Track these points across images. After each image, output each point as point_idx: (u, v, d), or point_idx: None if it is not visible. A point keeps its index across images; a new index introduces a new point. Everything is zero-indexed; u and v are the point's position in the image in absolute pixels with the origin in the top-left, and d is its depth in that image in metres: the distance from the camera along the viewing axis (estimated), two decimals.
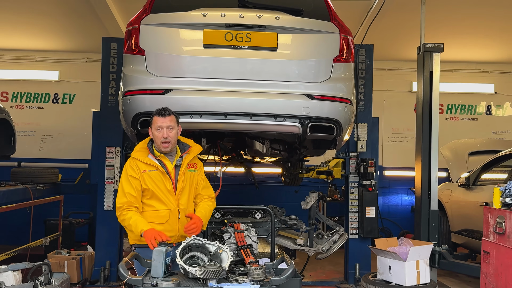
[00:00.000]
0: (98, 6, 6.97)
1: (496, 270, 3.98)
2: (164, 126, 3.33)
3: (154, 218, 3.36)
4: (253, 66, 3.90)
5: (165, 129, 3.33)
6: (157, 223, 3.33)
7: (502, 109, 10.18)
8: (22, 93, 9.60)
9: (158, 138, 3.35)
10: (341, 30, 4.05)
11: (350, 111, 4.07)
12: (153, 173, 3.37)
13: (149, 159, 3.40)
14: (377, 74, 7.21)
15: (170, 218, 3.38)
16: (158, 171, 3.38)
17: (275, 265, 3.19)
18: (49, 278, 4.35)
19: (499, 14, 7.35)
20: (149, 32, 3.92)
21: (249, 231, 4.48)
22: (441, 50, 5.79)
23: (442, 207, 7.08)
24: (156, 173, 3.38)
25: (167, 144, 3.36)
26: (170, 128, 3.34)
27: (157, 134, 3.35)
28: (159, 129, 3.34)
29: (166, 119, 3.34)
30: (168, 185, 3.38)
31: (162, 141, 3.34)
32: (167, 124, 3.33)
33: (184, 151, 3.49)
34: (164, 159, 3.41)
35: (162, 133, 3.33)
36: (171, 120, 3.36)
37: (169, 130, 3.34)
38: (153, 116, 3.39)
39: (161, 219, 3.37)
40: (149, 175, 3.37)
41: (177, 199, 3.41)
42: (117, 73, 6.06)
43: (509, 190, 3.96)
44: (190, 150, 3.51)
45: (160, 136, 3.33)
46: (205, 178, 3.64)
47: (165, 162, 3.41)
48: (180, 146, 3.52)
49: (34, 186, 6.44)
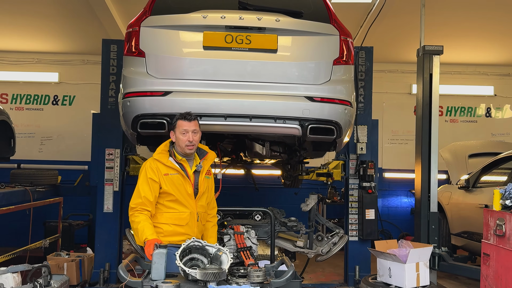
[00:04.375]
0: (98, 8, 6.97)
1: (496, 272, 3.97)
2: (189, 130, 3.43)
3: (175, 220, 3.45)
4: (253, 68, 3.90)
5: (190, 133, 3.43)
6: (177, 225, 3.45)
7: (501, 111, 10.19)
8: (22, 95, 9.60)
9: (183, 142, 3.43)
10: (341, 32, 4.06)
11: (350, 113, 4.07)
12: (174, 176, 3.45)
13: (170, 162, 3.48)
14: (377, 76, 7.22)
15: (190, 221, 3.47)
16: (179, 174, 3.46)
17: (275, 267, 3.19)
18: (49, 280, 4.35)
19: (499, 16, 7.37)
20: (149, 34, 3.92)
21: (249, 233, 4.48)
22: (440, 52, 5.79)
23: (442, 209, 7.08)
24: (177, 176, 3.46)
25: (192, 147, 3.45)
26: (194, 132, 3.45)
27: (182, 138, 3.43)
28: (185, 133, 3.43)
29: (192, 123, 3.45)
30: (188, 189, 3.47)
31: (187, 145, 3.43)
32: (193, 128, 3.44)
33: (202, 157, 3.60)
34: (184, 163, 3.50)
35: (188, 137, 3.42)
36: (196, 124, 3.48)
37: (193, 134, 3.44)
38: (178, 120, 3.48)
39: (181, 221, 3.45)
40: (171, 178, 3.44)
41: (197, 202, 3.51)
42: (117, 75, 6.06)
43: (509, 192, 3.95)
44: (207, 157, 3.63)
45: (185, 140, 3.42)
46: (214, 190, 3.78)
47: (185, 166, 3.50)
48: (198, 151, 3.61)
49: (33, 188, 6.43)
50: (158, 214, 3.48)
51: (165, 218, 3.45)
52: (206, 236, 3.66)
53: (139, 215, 3.36)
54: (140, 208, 3.38)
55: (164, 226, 3.45)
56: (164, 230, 3.45)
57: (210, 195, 3.69)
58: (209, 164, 3.62)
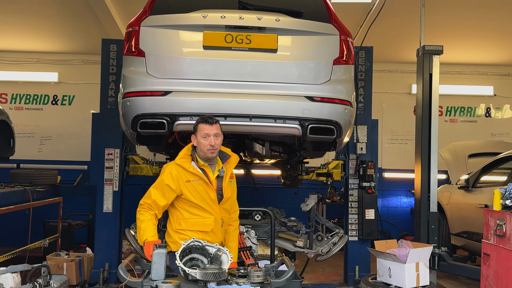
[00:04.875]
0: (97, 8, 6.97)
1: (497, 272, 3.97)
2: (211, 134, 3.36)
3: (200, 226, 3.41)
4: (253, 68, 3.89)
5: (212, 137, 3.35)
6: (202, 231, 3.40)
7: (501, 111, 10.20)
8: (21, 95, 9.60)
9: (205, 146, 3.36)
10: (341, 32, 4.05)
11: (350, 113, 4.07)
12: (196, 183, 3.40)
13: (193, 168, 3.41)
14: (377, 76, 7.21)
15: (214, 227, 3.43)
16: (202, 180, 3.40)
17: (275, 267, 3.19)
18: (48, 280, 4.35)
19: (499, 16, 7.37)
20: (149, 33, 3.91)
21: (249, 233, 4.48)
22: (440, 52, 5.79)
23: (441, 209, 7.08)
24: (200, 183, 3.40)
25: (214, 150, 3.38)
26: (216, 135, 3.38)
27: (203, 142, 3.36)
28: (206, 137, 3.36)
29: (213, 126, 3.37)
30: (212, 195, 3.41)
31: (209, 149, 3.36)
32: (214, 132, 3.37)
33: (224, 161, 3.53)
34: (207, 169, 3.43)
35: (209, 141, 3.35)
36: (217, 128, 3.40)
37: (215, 138, 3.37)
38: (199, 123, 3.41)
39: (206, 227, 3.41)
40: (193, 185, 3.39)
41: (220, 208, 3.48)
42: (116, 74, 6.06)
43: (509, 192, 3.95)
44: (230, 160, 3.55)
45: (207, 144, 3.35)
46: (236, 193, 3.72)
47: (207, 171, 3.43)
48: (220, 155, 3.54)
49: (33, 187, 6.43)
50: (182, 220, 3.43)
51: (189, 224, 3.41)
52: (227, 240, 3.62)
53: (144, 213, 3.38)
54: (147, 207, 3.40)
55: (189, 232, 3.40)
56: (190, 237, 3.36)
57: (233, 198, 3.64)
58: (232, 168, 3.56)
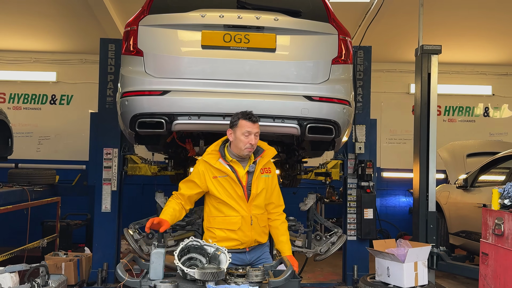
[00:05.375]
0: (96, 7, 6.96)
1: (495, 272, 3.98)
2: (253, 132, 3.27)
3: (226, 224, 3.34)
4: (251, 67, 3.89)
5: (253, 136, 3.26)
6: (229, 229, 3.33)
7: (499, 111, 10.21)
8: (20, 94, 9.59)
9: (244, 144, 3.26)
10: (340, 32, 4.05)
11: (348, 113, 4.07)
12: (223, 179, 3.31)
13: (219, 164, 3.33)
14: (375, 75, 7.22)
15: (242, 225, 3.32)
16: (228, 177, 3.31)
17: (274, 266, 3.18)
18: (46, 279, 4.34)
19: (497, 16, 7.38)
20: (148, 33, 3.91)
21: None
22: (439, 52, 5.79)
23: (440, 209, 7.09)
24: (227, 179, 3.31)
25: (251, 150, 3.30)
26: (257, 134, 3.30)
27: (243, 139, 3.26)
28: (247, 135, 3.26)
29: (255, 125, 3.29)
30: (239, 192, 3.31)
31: (247, 147, 3.27)
32: (256, 130, 3.28)
33: (258, 155, 3.40)
34: (235, 164, 3.34)
35: (250, 139, 3.26)
36: (258, 126, 3.33)
37: (256, 137, 3.28)
38: (240, 119, 3.30)
39: (232, 225, 3.33)
40: (220, 181, 3.31)
41: (250, 205, 3.35)
42: (115, 74, 6.05)
43: (507, 191, 3.96)
44: (264, 154, 3.42)
45: (247, 142, 3.26)
46: (278, 187, 3.52)
47: (236, 167, 3.33)
48: (256, 149, 3.44)
49: (31, 187, 6.42)
50: (211, 218, 3.39)
51: (216, 222, 3.36)
52: (276, 235, 3.51)
53: (171, 200, 3.37)
54: (175, 196, 3.39)
55: (216, 231, 3.36)
56: (217, 235, 3.35)
57: (272, 194, 3.47)
58: (265, 162, 3.40)
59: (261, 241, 3.47)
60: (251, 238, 3.38)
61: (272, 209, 3.52)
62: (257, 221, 3.39)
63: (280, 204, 3.56)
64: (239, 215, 3.33)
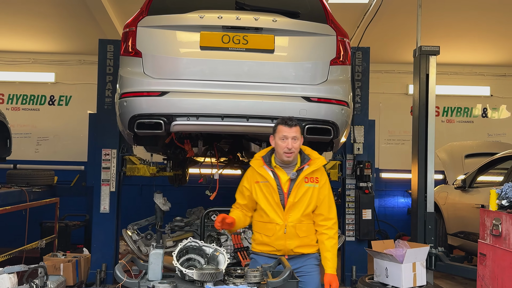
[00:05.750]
0: (94, 8, 6.96)
1: (493, 272, 3.99)
2: (289, 137, 3.23)
3: (263, 229, 3.35)
4: (250, 68, 3.90)
5: (290, 140, 3.23)
6: (265, 234, 3.34)
7: (498, 111, 10.23)
8: (18, 95, 9.58)
9: (282, 148, 3.24)
10: (338, 33, 4.06)
11: (346, 114, 4.08)
12: (264, 184, 3.31)
13: (262, 169, 3.33)
14: (374, 76, 7.23)
15: (276, 233, 3.29)
16: (268, 183, 3.29)
17: (272, 267, 3.19)
18: (45, 280, 4.34)
19: (495, 17, 7.39)
20: (146, 34, 3.91)
21: (246, 234, 4.48)
22: (437, 52, 5.81)
23: (438, 209, 7.10)
24: (266, 184, 3.30)
25: (291, 154, 3.25)
26: (294, 138, 3.24)
27: (281, 144, 3.24)
28: (284, 139, 3.23)
29: (292, 129, 3.24)
30: (276, 198, 3.28)
31: (285, 152, 3.24)
32: (293, 134, 3.24)
33: (304, 163, 3.35)
34: (278, 171, 3.31)
35: (287, 144, 3.23)
36: (297, 130, 3.26)
37: (293, 141, 3.23)
38: (278, 124, 3.29)
39: (268, 231, 3.32)
40: (261, 186, 3.32)
41: (287, 213, 3.29)
42: (113, 75, 6.05)
43: (505, 192, 3.97)
44: (310, 163, 3.34)
45: (284, 146, 3.23)
46: (329, 195, 3.39)
47: (279, 174, 3.31)
48: (301, 157, 3.37)
49: (30, 188, 6.42)
50: (254, 221, 3.43)
51: (257, 226, 3.40)
52: (322, 249, 3.35)
53: (233, 211, 3.42)
54: (234, 206, 3.46)
55: (256, 234, 3.40)
56: (256, 238, 3.40)
57: (320, 206, 3.33)
58: (310, 171, 3.31)
59: (301, 252, 3.33)
60: (286, 247, 3.30)
61: (320, 221, 3.36)
62: (294, 230, 3.29)
63: (331, 218, 3.37)
64: (274, 222, 3.29)
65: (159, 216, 4.66)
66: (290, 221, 3.27)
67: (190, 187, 7.75)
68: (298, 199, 3.27)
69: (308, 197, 3.29)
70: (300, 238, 3.29)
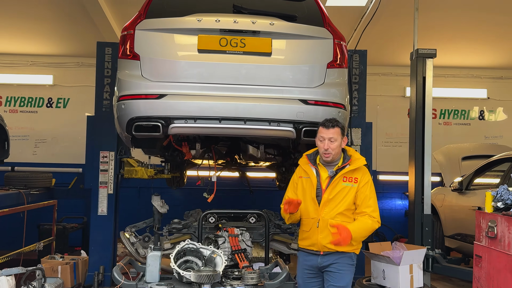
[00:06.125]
0: (92, 11, 6.98)
1: (488, 274, 4.00)
2: (326, 138, 3.43)
3: (302, 224, 3.56)
4: (247, 71, 3.92)
5: (326, 141, 3.43)
6: (304, 230, 3.54)
7: (494, 114, 10.27)
8: (16, 97, 9.58)
9: (320, 149, 3.47)
10: (335, 36, 4.09)
11: (343, 116, 4.10)
12: (305, 180, 3.54)
13: (306, 166, 3.57)
14: (371, 79, 7.27)
15: (312, 227, 3.46)
16: (309, 179, 3.51)
17: (269, 269, 3.21)
18: (43, 283, 4.35)
19: (492, 20, 7.43)
20: (144, 37, 3.93)
21: (244, 236, 4.48)
22: (434, 55, 5.84)
23: (435, 212, 7.11)
24: (307, 180, 3.53)
25: (328, 155, 3.44)
26: (331, 140, 3.43)
27: (319, 144, 3.47)
28: (322, 140, 3.45)
29: (330, 130, 3.44)
30: (312, 194, 3.48)
31: (323, 152, 3.45)
32: (330, 136, 3.43)
33: (345, 163, 3.51)
34: (321, 168, 3.51)
35: (324, 144, 3.43)
36: (335, 132, 3.44)
37: (330, 142, 3.43)
38: (319, 126, 3.51)
39: (305, 226, 3.52)
40: (302, 181, 3.56)
41: (321, 209, 3.45)
42: (111, 77, 6.06)
43: (500, 194, 3.99)
44: (350, 162, 3.51)
45: (322, 147, 3.44)
46: (371, 196, 3.51)
47: (321, 171, 3.51)
48: (344, 157, 3.56)
49: (27, 190, 6.42)
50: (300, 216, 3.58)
51: (301, 221, 3.59)
52: None
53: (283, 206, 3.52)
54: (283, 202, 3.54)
55: (299, 229, 3.64)
56: (298, 234, 3.65)
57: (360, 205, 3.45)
58: (348, 170, 3.47)
59: (334, 249, 3.40)
60: (319, 242, 3.43)
61: (359, 212, 3.48)
62: (326, 225, 3.40)
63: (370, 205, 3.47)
64: (310, 217, 3.48)
65: (157, 218, 4.67)
66: (323, 216, 3.42)
67: (188, 189, 7.75)
68: (333, 196, 3.43)
69: (343, 195, 3.44)
70: (333, 234, 3.35)
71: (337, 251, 3.41)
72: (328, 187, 3.45)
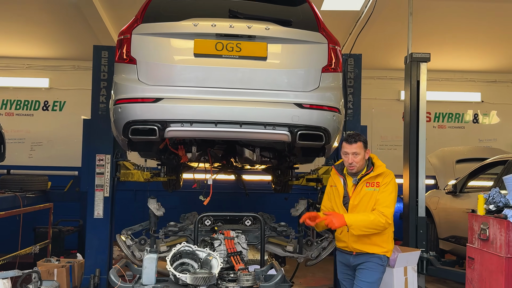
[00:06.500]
0: (89, 15, 7.00)
1: (481, 276, 4.05)
2: (350, 152, 3.65)
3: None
4: (243, 75, 3.95)
5: (350, 155, 3.65)
6: (337, 233, 3.82)
7: (488, 117, 10.35)
8: (12, 101, 9.58)
9: (345, 162, 3.72)
10: (329, 41, 4.13)
11: (338, 120, 4.14)
12: (334, 189, 3.84)
13: (336, 176, 3.85)
14: (366, 82, 7.31)
15: (343, 231, 3.70)
16: (336, 187, 3.80)
17: (265, 271, 3.24)
18: (39, 286, 4.35)
19: (485, 24, 7.51)
20: (141, 41, 3.96)
21: (239, 238, 4.50)
22: (428, 59, 5.89)
23: (429, 214, 7.16)
24: (335, 189, 3.82)
25: (353, 167, 3.68)
26: (355, 154, 3.65)
27: (344, 158, 3.72)
28: (345, 154, 3.68)
29: (352, 146, 3.65)
30: (340, 201, 3.76)
31: (347, 166, 3.71)
32: (353, 150, 3.64)
33: (368, 170, 3.73)
34: (348, 178, 3.77)
35: (348, 159, 3.67)
36: (357, 147, 3.65)
37: (354, 156, 3.65)
38: (343, 141, 3.72)
39: (338, 230, 3.76)
40: (332, 189, 3.87)
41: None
42: (108, 81, 6.08)
43: (492, 197, 4.04)
44: (372, 170, 3.73)
45: (346, 161, 3.69)
46: (389, 197, 3.68)
47: (348, 180, 3.77)
48: (367, 164, 3.77)
49: (23, 193, 6.43)
50: None
51: None
52: None
53: None
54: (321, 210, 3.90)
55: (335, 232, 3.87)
56: (335, 236, 3.90)
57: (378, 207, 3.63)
58: (369, 177, 3.67)
59: (364, 250, 3.67)
60: (349, 244, 3.70)
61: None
62: None
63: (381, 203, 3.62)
64: None
65: (153, 221, 4.69)
66: None
67: (184, 192, 7.77)
68: (358, 201, 3.67)
69: (368, 199, 3.67)
70: (360, 237, 3.62)
71: (368, 252, 3.65)
72: (353, 194, 3.69)
